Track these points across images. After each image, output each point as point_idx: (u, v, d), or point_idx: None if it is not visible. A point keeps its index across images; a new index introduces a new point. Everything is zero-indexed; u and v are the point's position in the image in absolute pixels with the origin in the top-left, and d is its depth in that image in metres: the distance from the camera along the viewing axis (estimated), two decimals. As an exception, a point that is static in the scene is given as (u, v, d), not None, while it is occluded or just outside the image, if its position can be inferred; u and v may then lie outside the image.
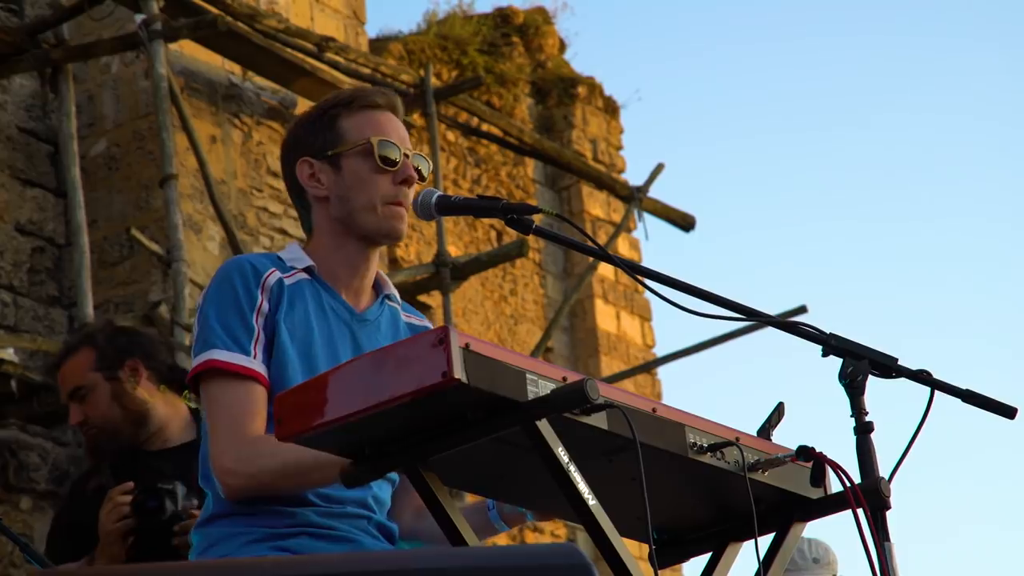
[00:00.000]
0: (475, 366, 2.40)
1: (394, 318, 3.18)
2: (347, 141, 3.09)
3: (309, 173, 3.11)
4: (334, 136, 3.10)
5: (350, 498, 2.97)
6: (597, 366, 12.82)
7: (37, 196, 9.81)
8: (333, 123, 3.11)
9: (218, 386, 2.94)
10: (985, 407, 2.80)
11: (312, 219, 3.14)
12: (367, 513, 3.00)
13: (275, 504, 2.93)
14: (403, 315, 3.21)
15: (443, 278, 10.75)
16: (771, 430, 2.85)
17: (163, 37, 9.50)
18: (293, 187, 3.16)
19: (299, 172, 3.12)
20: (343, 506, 2.97)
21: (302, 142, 3.13)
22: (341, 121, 3.11)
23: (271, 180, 10.13)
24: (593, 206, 13.56)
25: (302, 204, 3.15)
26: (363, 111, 3.12)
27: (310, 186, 3.11)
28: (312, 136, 3.12)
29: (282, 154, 3.20)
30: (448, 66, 12.86)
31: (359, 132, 3.10)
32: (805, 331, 2.79)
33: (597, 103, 14.03)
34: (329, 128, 3.11)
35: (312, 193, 3.11)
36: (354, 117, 3.11)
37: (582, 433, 2.52)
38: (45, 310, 9.67)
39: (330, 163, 3.10)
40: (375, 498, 3.02)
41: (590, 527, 2.50)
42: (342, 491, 2.92)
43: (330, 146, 3.10)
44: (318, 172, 3.11)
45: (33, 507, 9.33)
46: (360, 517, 2.99)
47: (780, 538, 2.85)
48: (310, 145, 3.12)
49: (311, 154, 3.11)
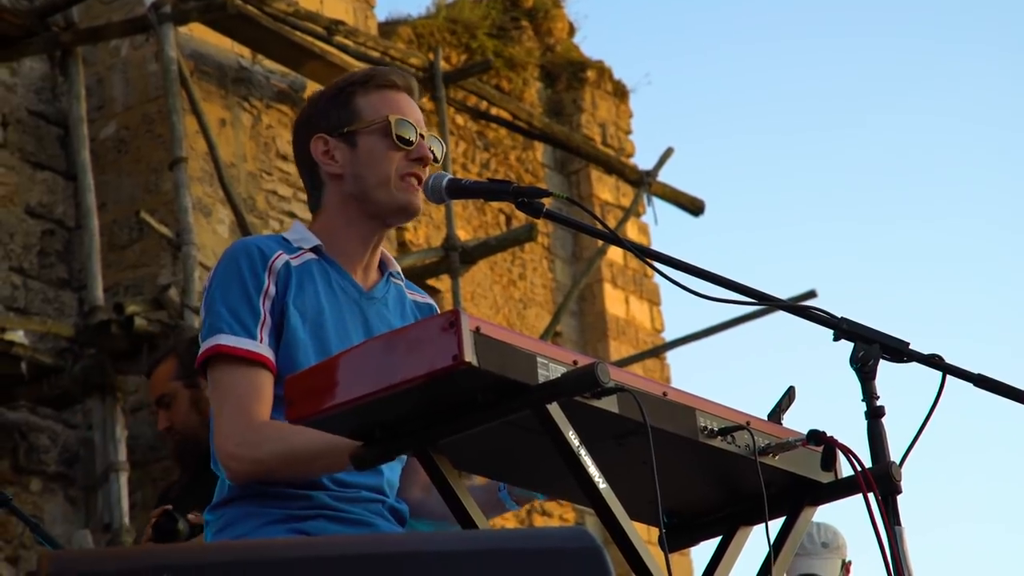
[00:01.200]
0: (486, 349, 2.40)
1: (400, 296, 3.17)
2: (364, 119, 3.08)
3: (324, 150, 3.09)
4: (350, 113, 3.08)
5: (364, 483, 2.96)
6: (606, 350, 12.82)
7: (47, 179, 9.81)
8: (349, 100, 3.09)
9: (224, 371, 2.93)
10: (998, 392, 2.79)
11: (323, 197, 3.11)
12: (381, 497, 3.00)
13: (290, 488, 2.92)
14: (408, 293, 3.20)
15: (452, 262, 10.75)
16: (782, 414, 2.85)
17: (173, 20, 9.50)
18: (305, 164, 3.13)
19: (313, 149, 3.10)
20: (357, 491, 2.96)
21: (317, 119, 3.12)
22: (358, 99, 3.09)
23: (280, 163, 10.13)
24: (602, 190, 13.55)
25: (313, 182, 3.13)
26: (380, 90, 3.10)
27: (324, 163, 3.09)
28: (328, 113, 3.10)
29: (295, 130, 3.18)
30: (457, 50, 12.85)
31: (376, 110, 3.08)
32: (817, 315, 2.78)
33: (606, 87, 14.01)
34: (345, 105, 3.09)
35: (326, 170, 3.09)
36: (371, 95, 3.10)
37: (593, 417, 2.52)
38: (55, 293, 9.68)
39: (345, 140, 3.08)
40: (389, 483, 3.02)
41: (600, 511, 2.50)
42: (356, 476, 2.91)
43: (346, 123, 3.08)
44: (333, 149, 3.09)
45: (43, 489, 9.35)
46: (374, 501, 2.99)
47: (791, 522, 2.85)
48: (325, 122, 3.10)
49: (326, 131, 3.09)
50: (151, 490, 9.44)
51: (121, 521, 9.11)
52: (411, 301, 3.19)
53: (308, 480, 2.92)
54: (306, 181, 3.16)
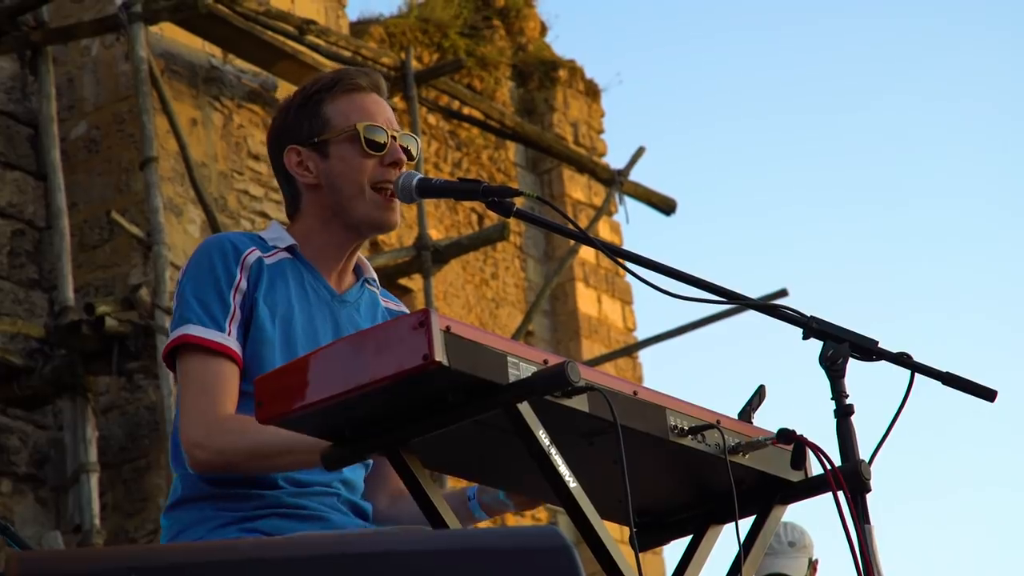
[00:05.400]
0: (456, 349, 2.40)
1: (373, 301, 3.17)
2: (333, 127, 3.07)
3: (297, 161, 3.09)
4: (319, 123, 3.08)
5: (316, 481, 2.96)
6: (578, 349, 12.83)
7: (17, 179, 9.78)
8: (317, 109, 3.09)
9: (191, 361, 2.93)
10: (965, 389, 2.81)
11: (301, 205, 3.11)
12: (333, 491, 3.00)
13: (243, 487, 2.92)
14: (382, 300, 3.20)
15: (424, 261, 10.75)
16: (752, 413, 2.85)
17: (143, 19, 9.48)
18: (281, 173, 3.13)
19: (287, 161, 3.10)
20: (311, 487, 2.96)
21: (288, 130, 3.11)
22: (325, 107, 3.09)
23: (252, 163, 10.11)
24: (574, 189, 13.56)
25: (291, 191, 3.13)
26: (346, 95, 3.09)
27: (299, 174, 3.09)
28: (297, 124, 3.10)
29: (269, 142, 3.18)
30: (429, 49, 12.84)
31: (344, 118, 3.07)
32: (786, 314, 2.79)
33: (578, 86, 14.02)
34: (314, 115, 3.09)
35: (301, 181, 3.09)
36: (338, 102, 3.09)
37: (563, 416, 2.52)
38: (25, 293, 9.64)
39: (317, 150, 3.08)
40: (343, 481, 3.01)
41: (571, 510, 2.50)
42: (309, 475, 2.92)
43: (316, 133, 3.08)
44: (306, 160, 3.08)
45: (13, 490, 9.31)
46: (327, 495, 2.99)
47: (760, 521, 2.85)
48: (296, 133, 3.10)
49: (298, 142, 3.09)
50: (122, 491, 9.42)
51: (92, 522, 9.07)
52: (384, 308, 3.19)
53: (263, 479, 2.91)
54: (284, 189, 3.16)
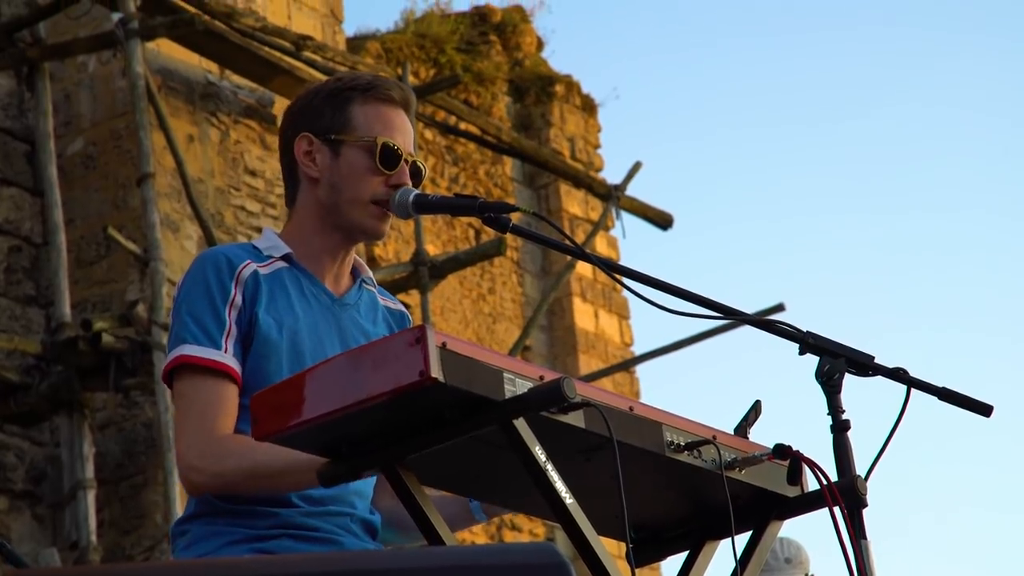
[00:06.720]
0: (452, 365, 2.40)
1: (373, 302, 3.16)
2: (353, 130, 3.02)
3: (306, 150, 3.04)
4: (341, 120, 3.03)
5: (331, 497, 2.94)
6: (575, 364, 12.82)
7: (14, 195, 9.78)
8: (344, 106, 3.03)
9: (187, 382, 2.90)
10: (961, 405, 2.81)
11: (298, 196, 3.07)
12: (349, 510, 2.98)
13: (257, 505, 2.89)
14: (380, 299, 3.19)
15: (421, 277, 10.74)
16: (748, 428, 2.85)
17: (140, 36, 9.48)
18: (286, 155, 3.08)
19: (296, 146, 3.05)
20: (325, 506, 2.95)
21: (307, 115, 3.05)
22: (353, 107, 3.03)
23: (249, 179, 10.11)
24: (571, 204, 13.57)
25: (291, 176, 3.08)
26: (377, 103, 3.04)
27: (304, 163, 3.04)
28: (319, 112, 3.04)
29: (284, 120, 3.11)
30: (426, 64, 12.85)
31: (368, 126, 3.02)
32: (782, 329, 2.79)
33: (575, 101, 14.03)
34: (339, 110, 3.03)
35: (304, 171, 3.05)
36: (367, 107, 3.03)
37: (559, 432, 2.52)
38: (22, 309, 9.64)
39: (330, 146, 3.03)
40: (357, 493, 3.00)
41: (567, 526, 2.50)
42: (324, 491, 2.89)
43: (335, 130, 3.02)
44: (315, 151, 3.04)
45: (10, 507, 9.30)
46: (342, 515, 2.96)
47: (757, 536, 2.85)
48: (315, 121, 3.04)
49: (313, 131, 3.04)
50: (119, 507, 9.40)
51: (88, 539, 9.06)
52: (384, 307, 3.17)
53: (276, 497, 2.90)
54: (284, 172, 3.10)
